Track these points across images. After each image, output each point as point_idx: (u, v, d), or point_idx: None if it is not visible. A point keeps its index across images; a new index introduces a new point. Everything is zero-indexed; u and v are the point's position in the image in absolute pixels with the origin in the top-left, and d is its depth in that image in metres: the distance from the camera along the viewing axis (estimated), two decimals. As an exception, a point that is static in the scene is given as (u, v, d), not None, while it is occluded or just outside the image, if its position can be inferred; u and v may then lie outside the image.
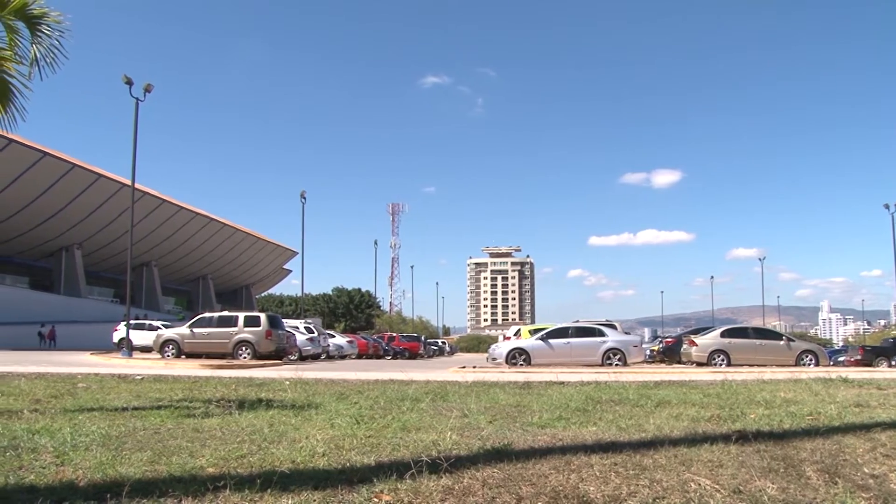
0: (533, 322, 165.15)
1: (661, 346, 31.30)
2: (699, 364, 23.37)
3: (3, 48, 8.65)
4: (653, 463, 5.08)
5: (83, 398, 9.60)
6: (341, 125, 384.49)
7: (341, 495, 4.11)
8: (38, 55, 8.54)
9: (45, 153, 48.77)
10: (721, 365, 22.67)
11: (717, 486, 4.51)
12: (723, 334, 24.61)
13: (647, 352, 29.74)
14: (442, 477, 4.52)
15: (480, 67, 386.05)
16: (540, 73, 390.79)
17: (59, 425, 6.56)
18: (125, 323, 32.42)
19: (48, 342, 46.03)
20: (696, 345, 24.21)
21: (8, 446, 5.35)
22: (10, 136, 34.44)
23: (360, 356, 39.54)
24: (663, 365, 26.93)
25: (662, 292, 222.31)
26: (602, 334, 23.85)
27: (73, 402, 8.95)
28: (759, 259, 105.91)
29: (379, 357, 42.69)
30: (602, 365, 22.27)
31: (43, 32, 8.54)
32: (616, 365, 22.30)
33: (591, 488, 4.42)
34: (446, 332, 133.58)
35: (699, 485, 4.53)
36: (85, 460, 4.89)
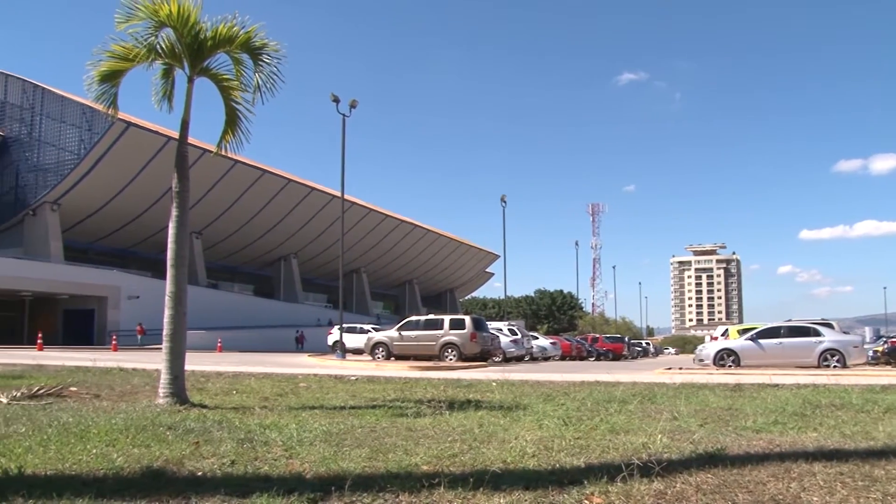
0: (740, 321, 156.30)
1: (885, 346, 28.60)
2: (934, 367, 21.03)
3: (231, 79, 9.51)
4: (885, 474, 4.68)
5: (305, 397, 10.33)
6: (538, 126, 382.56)
7: (552, 496, 4.10)
8: (260, 82, 9.29)
9: (265, 171, 53.24)
10: (963, 368, 20.26)
11: (970, 504, 4.02)
12: (965, 333, 21.97)
13: (870, 353, 27.26)
14: (654, 481, 4.42)
15: (677, 61, 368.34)
16: (739, 62, 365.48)
17: (285, 421, 7.10)
18: (338, 326, 34.42)
19: (300, 345, 50.09)
20: (931, 345, 21.80)
21: (244, 439, 5.88)
22: (236, 157, 37.73)
23: (563, 358, 39.30)
24: (889, 367, 24.55)
25: (885, 288, 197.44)
26: (818, 334, 22.17)
27: (296, 401, 9.66)
28: None
29: (582, 358, 42.22)
30: (818, 367, 20.73)
31: (263, 62, 9.28)
32: (834, 367, 20.70)
33: (815, 498, 4.13)
34: (650, 332, 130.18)
35: (945, 501, 4.07)
36: (310, 455, 5.25)
